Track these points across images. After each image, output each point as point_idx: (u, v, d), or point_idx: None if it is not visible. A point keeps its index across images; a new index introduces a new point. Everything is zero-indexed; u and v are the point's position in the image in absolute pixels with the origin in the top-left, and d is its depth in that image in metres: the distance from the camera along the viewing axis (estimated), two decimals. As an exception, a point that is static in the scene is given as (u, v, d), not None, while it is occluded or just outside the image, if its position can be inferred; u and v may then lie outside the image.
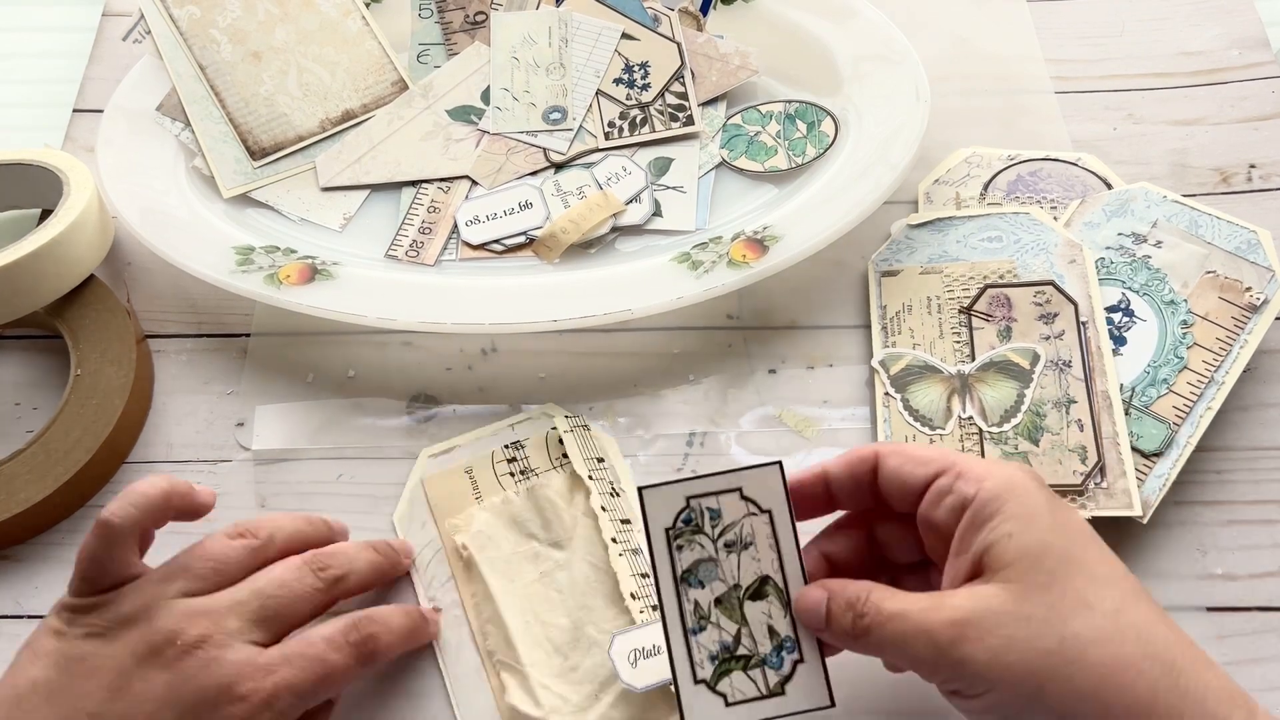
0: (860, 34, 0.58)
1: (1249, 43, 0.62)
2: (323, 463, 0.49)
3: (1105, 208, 0.53)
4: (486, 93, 0.59)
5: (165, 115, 0.57)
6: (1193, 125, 0.59)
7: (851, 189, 0.52)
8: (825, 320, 0.53)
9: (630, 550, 0.44)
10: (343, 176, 0.57)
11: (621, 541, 0.44)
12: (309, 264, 0.52)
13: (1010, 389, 0.48)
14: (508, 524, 0.46)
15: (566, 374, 0.51)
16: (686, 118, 0.57)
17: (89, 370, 0.49)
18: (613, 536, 0.44)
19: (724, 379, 0.51)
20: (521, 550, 0.45)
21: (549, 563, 0.45)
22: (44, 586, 0.46)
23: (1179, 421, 0.46)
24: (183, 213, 0.54)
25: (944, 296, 0.51)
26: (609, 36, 0.59)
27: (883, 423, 0.49)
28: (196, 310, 0.54)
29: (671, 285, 0.50)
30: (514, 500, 0.47)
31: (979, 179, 0.56)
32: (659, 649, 0.41)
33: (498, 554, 0.45)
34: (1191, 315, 0.48)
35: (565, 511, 0.46)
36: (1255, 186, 0.57)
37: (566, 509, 0.46)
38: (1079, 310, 0.49)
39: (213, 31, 0.58)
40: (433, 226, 0.55)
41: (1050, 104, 0.60)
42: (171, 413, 0.51)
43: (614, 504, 0.46)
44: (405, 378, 0.52)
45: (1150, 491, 0.45)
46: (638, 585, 0.43)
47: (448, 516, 0.46)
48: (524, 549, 0.45)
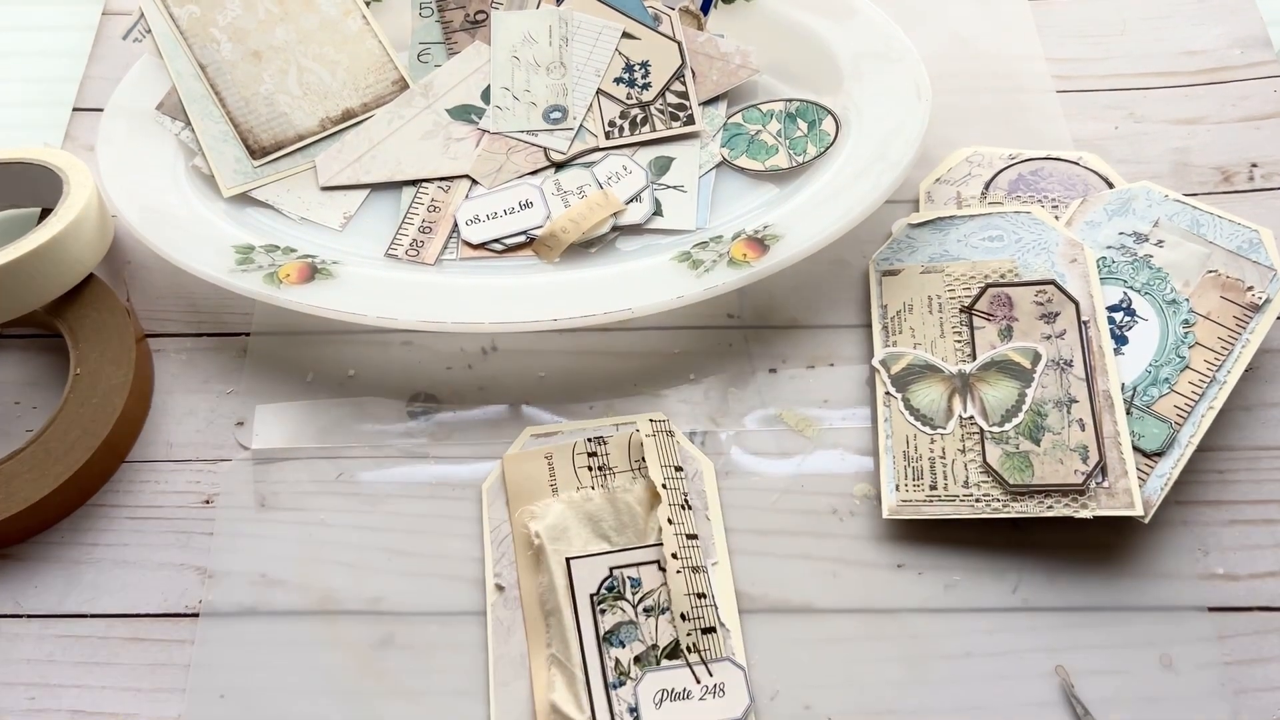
0: (861, 33, 0.58)
1: (1251, 42, 0.62)
2: (323, 462, 0.49)
3: (1107, 207, 0.52)
4: (487, 92, 0.59)
5: (165, 114, 0.57)
6: (1194, 124, 0.59)
7: (852, 188, 0.52)
8: (826, 319, 0.53)
9: (690, 568, 0.44)
10: (343, 176, 0.57)
11: (683, 558, 0.44)
12: (309, 263, 0.52)
13: (1011, 388, 0.48)
14: (583, 520, 0.46)
15: (567, 373, 0.51)
16: (687, 117, 0.57)
17: (89, 369, 0.49)
18: (674, 552, 0.44)
19: (724, 378, 0.51)
20: (593, 548, 0.45)
21: None
22: (43, 586, 0.46)
23: (1180, 421, 0.46)
24: (183, 212, 0.54)
25: (945, 296, 0.51)
26: (609, 35, 0.59)
27: (883, 422, 0.49)
28: (196, 309, 0.54)
29: (672, 284, 0.50)
30: (594, 497, 0.47)
31: (980, 178, 0.56)
32: (688, 693, 0.43)
33: (569, 549, 0.45)
34: (1193, 314, 0.48)
35: (643, 519, 0.46)
36: (1257, 186, 0.56)
37: (645, 517, 0.46)
38: (1080, 309, 0.49)
39: (213, 30, 0.58)
40: (433, 226, 0.55)
41: (1051, 103, 0.60)
42: (171, 412, 0.51)
43: (683, 517, 0.46)
44: (405, 377, 0.52)
45: (1152, 491, 0.44)
46: (689, 606, 0.44)
47: (521, 501, 0.47)
48: (595, 547, 0.46)
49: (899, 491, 0.47)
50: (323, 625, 0.45)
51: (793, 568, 0.46)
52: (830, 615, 0.45)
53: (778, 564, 0.46)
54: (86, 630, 0.45)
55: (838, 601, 0.45)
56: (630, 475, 0.47)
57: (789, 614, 0.45)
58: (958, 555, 0.46)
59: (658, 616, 0.44)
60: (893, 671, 0.43)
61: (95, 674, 0.44)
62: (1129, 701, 0.42)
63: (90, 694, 0.44)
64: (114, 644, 0.45)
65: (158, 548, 0.47)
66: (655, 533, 0.45)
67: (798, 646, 0.44)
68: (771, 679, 0.43)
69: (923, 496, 0.46)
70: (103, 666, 0.44)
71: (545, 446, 0.48)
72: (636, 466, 0.48)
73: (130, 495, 0.48)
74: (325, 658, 0.44)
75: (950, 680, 0.43)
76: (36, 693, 0.44)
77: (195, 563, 0.47)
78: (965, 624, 0.44)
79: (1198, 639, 0.44)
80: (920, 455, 0.47)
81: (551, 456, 0.48)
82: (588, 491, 0.47)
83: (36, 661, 0.45)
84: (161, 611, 0.46)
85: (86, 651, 0.45)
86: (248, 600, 0.46)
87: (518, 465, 0.48)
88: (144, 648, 0.45)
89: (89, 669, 0.44)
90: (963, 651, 0.44)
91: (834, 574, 0.46)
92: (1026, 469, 0.45)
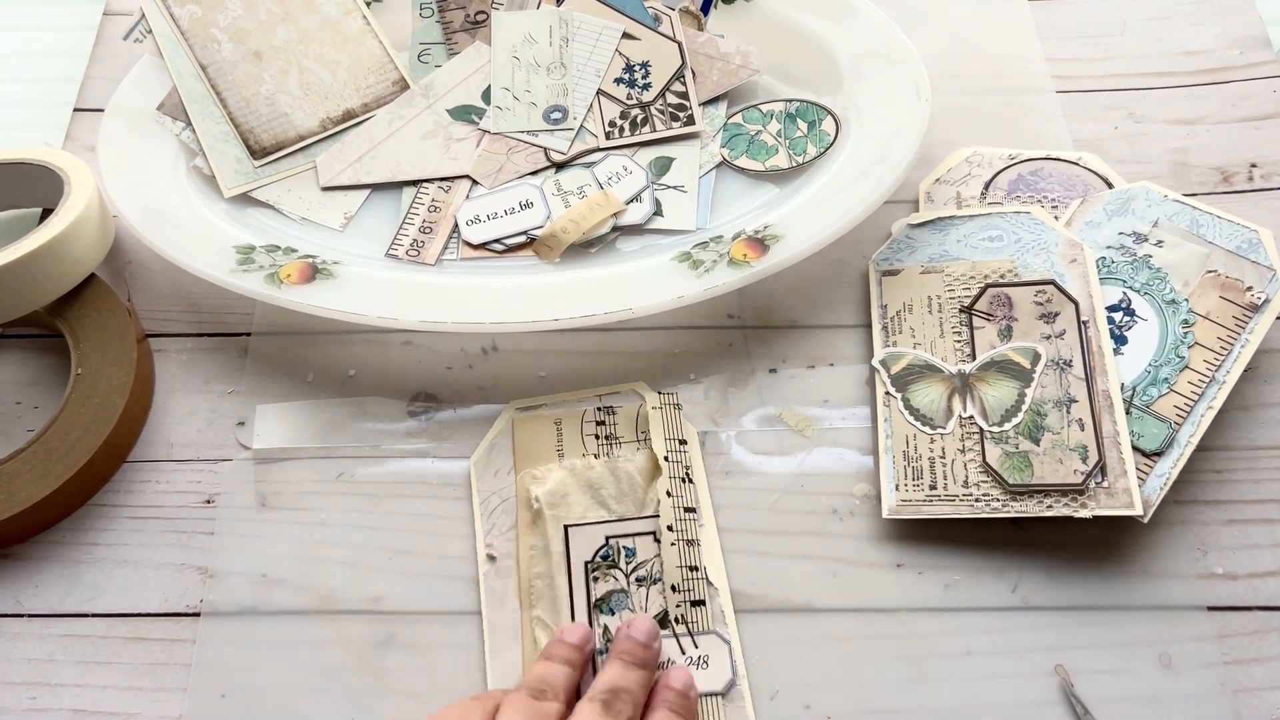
0: (861, 33, 0.58)
1: (1250, 42, 0.62)
2: (323, 462, 0.49)
3: (1106, 207, 0.52)
4: (487, 92, 0.59)
5: (166, 114, 0.57)
6: (1194, 124, 0.59)
7: (852, 188, 0.52)
8: (826, 319, 0.53)
9: (685, 541, 0.45)
10: (343, 176, 0.57)
11: (678, 530, 0.45)
12: (310, 263, 0.52)
13: (1011, 388, 0.48)
14: (584, 487, 0.47)
15: (567, 373, 0.51)
16: (687, 117, 0.57)
17: (90, 369, 0.50)
18: (669, 524, 0.45)
19: (725, 378, 0.51)
20: (591, 516, 0.46)
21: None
22: (45, 586, 0.46)
23: (1180, 421, 0.46)
24: (183, 212, 0.54)
25: (945, 296, 0.51)
26: (610, 36, 0.59)
27: (883, 422, 0.49)
28: (197, 309, 0.54)
29: (672, 284, 0.50)
30: (595, 465, 0.47)
31: (980, 178, 0.56)
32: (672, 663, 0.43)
33: (568, 514, 0.46)
34: (1192, 314, 0.48)
35: (642, 489, 0.47)
36: (1256, 186, 0.56)
37: (645, 486, 0.47)
38: (1080, 309, 0.49)
39: (214, 31, 0.58)
40: (433, 226, 0.55)
41: (1051, 103, 0.60)
42: (172, 412, 0.51)
43: (682, 489, 0.47)
44: (406, 377, 0.52)
45: (1151, 491, 0.45)
46: (680, 578, 0.44)
47: (526, 464, 0.48)
48: (594, 515, 0.46)
49: (899, 491, 0.47)
50: (323, 625, 0.45)
51: (793, 567, 0.46)
52: (830, 615, 0.45)
53: (778, 564, 0.46)
54: (87, 630, 0.45)
55: (838, 601, 0.45)
56: (635, 446, 0.48)
57: (789, 614, 0.45)
58: (957, 555, 0.46)
59: (649, 587, 0.44)
60: (892, 671, 0.43)
61: (96, 673, 0.44)
62: (1129, 701, 0.42)
63: (91, 693, 0.44)
64: (115, 643, 0.45)
65: (159, 547, 0.47)
66: (654, 504, 0.46)
67: (798, 646, 0.44)
68: (771, 679, 0.43)
69: (922, 496, 0.46)
70: (104, 666, 0.45)
71: (556, 412, 0.49)
72: (643, 437, 0.48)
73: (131, 495, 0.48)
74: (326, 657, 0.44)
75: (950, 680, 0.43)
76: (37, 692, 0.44)
77: (196, 562, 0.47)
78: (965, 623, 0.44)
79: (1197, 638, 0.44)
80: (920, 455, 0.47)
81: (560, 422, 0.49)
82: (590, 459, 0.48)
83: (37, 661, 0.45)
84: (162, 611, 0.46)
85: (87, 651, 0.45)
86: (248, 600, 0.46)
87: (526, 428, 0.49)
88: (145, 647, 0.45)
89: (90, 668, 0.45)
90: (962, 651, 0.44)
91: (834, 574, 0.46)
92: (1026, 469, 0.45)
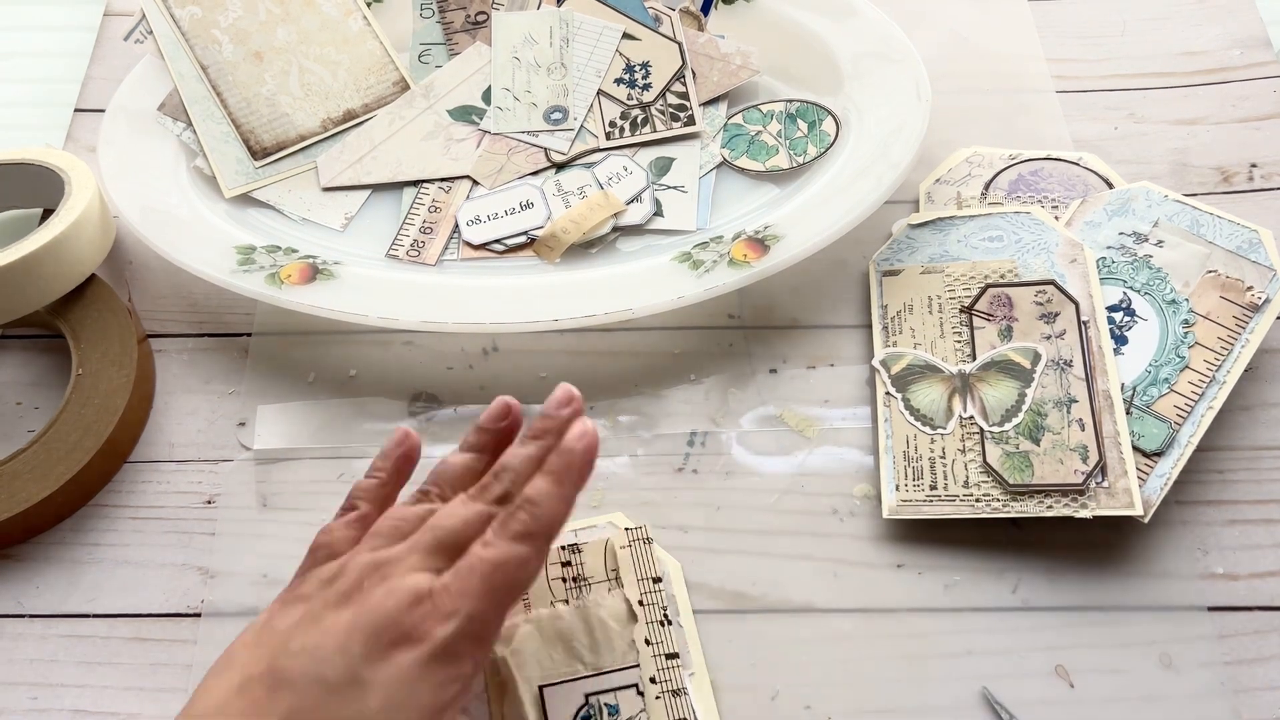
0: (861, 33, 0.58)
1: (1250, 42, 0.62)
2: (324, 462, 0.49)
3: (1106, 207, 0.52)
4: (488, 93, 0.59)
5: (167, 115, 0.57)
6: (1194, 125, 0.59)
7: (852, 188, 0.52)
8: (826, 320, 0.53)
9: (670, 692, 0.42)
10: (344, 176, 0.57)
11: (661, 681, 0.42)
12: (310, 264, 0.52)
13: (1011, 388, 0.48)
14: (553, 640, 0.42)
15: (567, 373, 0.51)
16: (688, 117, 0.57)
17: (90, 370, 0.50)
18: (652, 676, 0.42)
19: (725, 378, 0.51)
20: (565, 672, 0.42)
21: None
22: (45, 586, 0.46)
23: (1180, 421, 0.46)
24: (184, 212, 0.54)
25: (945, 296, 0.51)
26: (610, 36, 0.59)
27: (883, 422, 0.49)
28: (198, 310, 0.54)
29: (672, 285, 0.50)
30: (564, 615, 0.43)
31: (980, 178, 0.56)
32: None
33: (539, 673, 0.42)
34: (1193, 314, 0.48)
35: (618, 637, 0.43)
36: (1256, 186, 0.56)
37: (619, 634, 0.43)
38: (1080, 310, 0.49)
39: (214, 31, 0.58)
40: (434, 226, 0.55)
41: (1051, 103, 0.60)
42: (173, 412, 0.51)
43: (661, 635, 0.43)
44: (406, 377, 0.52)
45: (1151, 491, 0.45)
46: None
47: None
48: (568, 670, 0.42)
49: (899, 491, 0.47)
50: (324, 625, 0.45)
51: (793, 568, 0.46)
52: (830, 615, 0.45)
53: (778, 564, 0.46)
54: (88, 630, 0.45)
55: (838, 601, 0.45)
56: (606, 585, 0.44)
57: (789, 614, 0.45)
58: (958, 555, 0.46)
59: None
60: (893, 671, 0.43)
61: (97, 674, 0.44)
62: (1129, 701, 0.42)
63: (92, 694, 0.44)
64: (116, 644, 0.45)
65: (159, 548, 0.47)
66: (633, 653, 0.42)
67: (798, 646, 0.44)
68: (771, 679, 0.43)
69: (923, 496, 0.46)
70: (105, 666, 0.45)
71: None
72: (613, 575, 0.44)
73: (132, 495, 0.48)
74: (327, 657, 0.44)
75: (950, 680, 0.43)
76: (39, 692, 0.44)
77: (197, 563, 0.47)
78: (965, 624, 0.44)
79: (1197, 638, 0.44)
80: (920, 455, 0.47)
81: None
82: (559, 608, 0.43)
83: (39, 661, 0.45)
84: (163, 611, 0.46)
85: (88, 651, 0.45)
86: (249, 600, 0.46)
87: None
88: (146, 647, 0.45)
89: (91, 669, 0.45)
90: (963, 651, 0.44)
91: (834, 574, 0.46)
92: (1026, 469, 0.45)
